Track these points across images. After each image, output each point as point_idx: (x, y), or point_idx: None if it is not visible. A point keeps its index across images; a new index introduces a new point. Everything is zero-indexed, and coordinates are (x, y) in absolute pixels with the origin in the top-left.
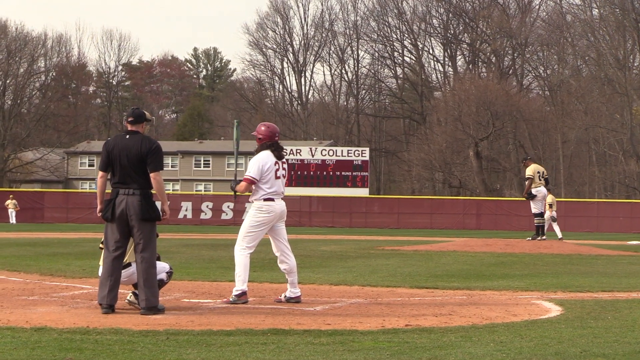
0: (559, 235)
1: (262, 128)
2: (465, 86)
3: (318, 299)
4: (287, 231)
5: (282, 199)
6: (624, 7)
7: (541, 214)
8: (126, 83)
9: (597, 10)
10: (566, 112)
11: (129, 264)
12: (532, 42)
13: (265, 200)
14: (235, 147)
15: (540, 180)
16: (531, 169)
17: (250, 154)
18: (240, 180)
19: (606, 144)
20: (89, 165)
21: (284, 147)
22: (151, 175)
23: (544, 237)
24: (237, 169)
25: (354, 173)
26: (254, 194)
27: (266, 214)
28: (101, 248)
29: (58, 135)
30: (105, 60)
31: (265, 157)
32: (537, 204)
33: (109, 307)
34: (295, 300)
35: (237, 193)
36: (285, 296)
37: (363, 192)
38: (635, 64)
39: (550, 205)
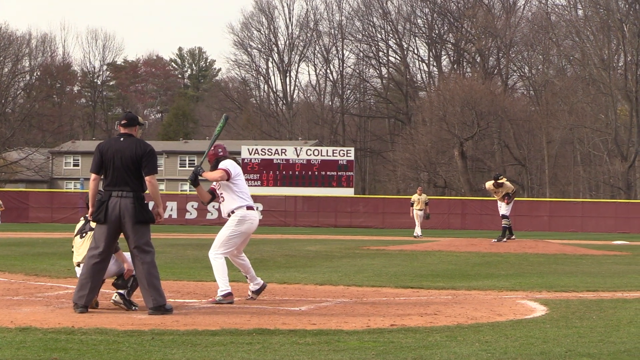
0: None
1: (221, 148)
2: (450, 86)
3: (303, 298)
4: (272, 230)
5: None
6: (608, 7)
7: (508, 216)
8: (111, 83)
9: (581, 10)
10: (551, 112)
11: None
12: (517, 42)
13: (247, 208)
14: (214, 137)
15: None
16: (509, 183)
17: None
18: (200, 168)
19: (591, 144)
20: (74, 165)
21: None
22: (146, 178)
23: (512, 237)
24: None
25: (339, 173)
26: (231, 204)
27: (249, 223)
28: None
29: (43, 135)
30: (90, 59)
31: (235, 163)
32: (508, 206)
33: (84, 308)
34: (262, 288)
35: (198, 179)
36: (251, 291)
37: (348, 192)
38: (620, 64)
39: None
